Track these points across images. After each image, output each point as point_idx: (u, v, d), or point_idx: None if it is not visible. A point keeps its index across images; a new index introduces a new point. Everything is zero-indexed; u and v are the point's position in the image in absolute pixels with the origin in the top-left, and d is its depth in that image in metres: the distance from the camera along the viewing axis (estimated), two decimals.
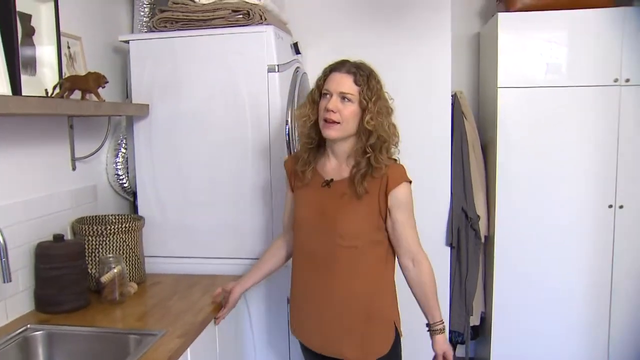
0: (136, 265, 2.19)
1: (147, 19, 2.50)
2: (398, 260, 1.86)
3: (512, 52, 2.90)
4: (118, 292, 2.01)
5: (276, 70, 2.27)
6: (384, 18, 2.84)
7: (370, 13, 2.86)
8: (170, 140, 2.38)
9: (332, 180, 1.82)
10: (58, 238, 1.96)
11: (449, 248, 2.98)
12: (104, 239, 2.09)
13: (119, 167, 2.46)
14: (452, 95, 2.93)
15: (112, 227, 2.11)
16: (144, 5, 2.52)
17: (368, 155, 1.74)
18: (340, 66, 1.79)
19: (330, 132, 1.75)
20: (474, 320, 3.15)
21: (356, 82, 1.74)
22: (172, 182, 2.40)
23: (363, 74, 1.75)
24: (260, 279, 2.06)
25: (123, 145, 2.46)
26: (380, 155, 1.74)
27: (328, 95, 1.76)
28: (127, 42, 2.37)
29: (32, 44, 1.92)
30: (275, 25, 2.34)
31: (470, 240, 3.01)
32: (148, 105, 2.34)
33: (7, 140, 1.89)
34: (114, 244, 2.12)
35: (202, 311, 1.94)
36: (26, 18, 1.88)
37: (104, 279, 1.99)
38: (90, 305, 1.99)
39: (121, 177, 2.47)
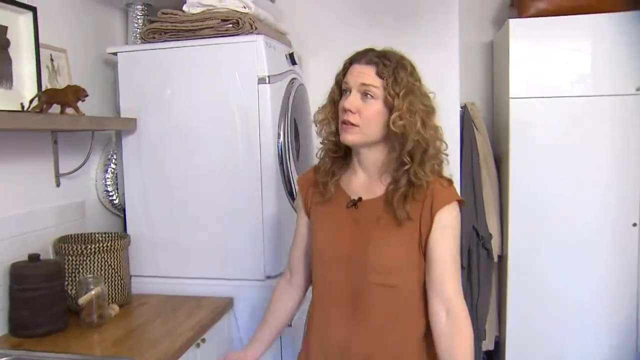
0: (119, 286, 2.10)
1: (140, 30, 2.43)
2: (428, 304, 1.47)
3: (525, 61, 2.77)
4: (97, 315, 1.92)
5: (267, 81, 2.17)
6: (389, 26, 2.72)
7: (374, 22, 2.73)
8: (159, 155, 2.29)
9: (360, 199, 1.50)
10: (33, 258, 1.88)
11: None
12: (84, 258, 2.01)
13: (108, 183, 2.38)
14: (461, 107, 2.78)
15: (93, 246, 2.02)
16: (138, 17, 2.45)
17: (406, 167, 1.41)
18: (360, 56, 1.46)
19: (347, 137, 1.45)
20: (487, 345, 2.99)
21: (379, 74, 1.41)
22: (161, 198, 2.31)
23: (388, 64, 1.41)
24: (272, 340, 1.75)
25: (113, 160, 2.38)
26: (420, 169, 1.41)
27: (347, 92, 1.47)
28: (115, 54, 2.30)
29: (8, 57, 1.86)
30: (267, 34, 2.24)
31: (482, 260, 2.86)
32: (135, 119, 2.26)
33: None
34: (95, 264, 2.03)
35: (182, 336, 1.83)
36: (2, 30, 1.82)
37: (82, 300, 1.90)
38: (68, 328, 1.90)
39: (111, 194, 2.39)
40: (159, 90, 2.25)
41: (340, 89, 1.52)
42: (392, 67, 1.41)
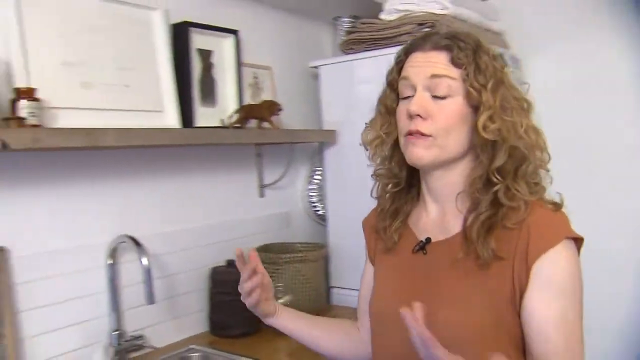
0: (312, 296, 2.12)
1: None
2: None
3: None
4: None
5: None
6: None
7: (604, 17, 2.32)
8: (360, 167, 2.26)
9: (428, 240, 1.12)
10: (230, 263, 2.01)
11: None
12: (278, 267, 2.08)
13: (312, 194, 2.44)
14: None
15: (287, 255, 2.08)
16: (345, 29, 2.48)
17: (496, 188, 1.02)
18: (422, 41, 1.09)
19: (417, 153, 1.05)
20: None
21: (455, 61, 1.03)
22: (362, 210, 2.27)
23: (465, 46, 1.04)
24: (305, 329, 1.35)
25: (317, 172, 2.44)
26: (517, 185, 1.02)
27: (408, 95, 1.07)
28: (317, 67, 2.35)
29: (212, 78, 2.02)
30: None
31: None
32: (334, 131, 2.27)
33: (196, 168, 2.02)
34: (288, 273, 2.09)
35: None
36: (206, 54, 2.00)
37: None
38: (259, 332, 1.98)
39: (315, 204, 2.45)
40: (359, 101, 2.23)
41: (395, 92, 1.13)
42: (471, 49, 1.04)
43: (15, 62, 1.49)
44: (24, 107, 1.43)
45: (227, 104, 2.06)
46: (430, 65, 1.05)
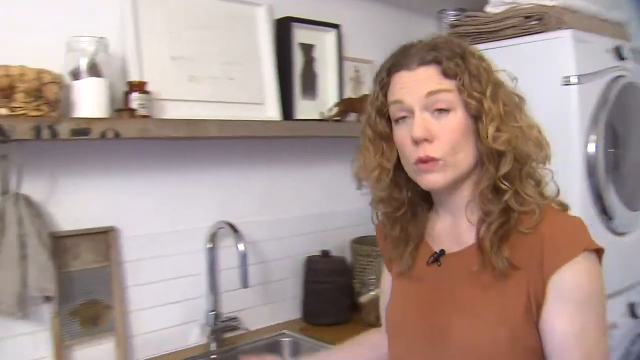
0: None
1: None
2: None
3: None
4: (374, 315, 1.99)
5: (574, 81, 1.89)
6: None
7: None
8: None
9: (442, 252, 1.07)
10: (325, 253, 2.06)
11: None
12: (371, 259, 2.10)
13: None
14: None
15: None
16: (449, 23, 2.43)
17: (506, 196, 0.96)
18: (406, 58, 1.00)
19: (431, 178, 0.99)
20: None
21: (446, 73, 0.96)
22: None
23: (452, 54, 0.97)
24: None
25: None
26: (525, 188, 0.97)
27: (403, 116, 1.00)
28: None
29: (313, 72, 2.07)
30: (581, 28, 1.95)
31: None
32: None
33: (295, 159, 2.09)
34: (380, 266, 2.10)
35: None
36: (308, 48, 2.04)
37: (362, 299, 2.00)
38: (350, 322, 2.02)
39: None
40: None
41: (385, 117, 1.05)
42: (459, 56, 0.97)
43: (130, 57, 1.61)
44: (135, 99, 1.56)
45: (327, 97, 2.10)
46: (423, 83, 0.98)
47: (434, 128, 0.97)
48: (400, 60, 1.01)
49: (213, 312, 1.79)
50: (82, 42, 1.47)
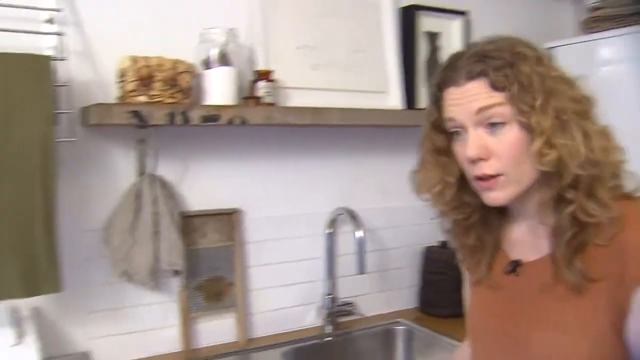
0: None
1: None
2: None
3: None
4: None
5: None
6: None
7: None
8: None
9: (519, 262, 1.02)
10: (443, 244, 2.03)
11: None
12: None
13: None
14: None
15: None
16: (588, 7, 2.27)
17: (571, 208, 0.89)
18: (453, 73, 0.95)
19: (492, 196, 0.94)
20: None
21: (495, 85, 0.90)
22: None
23: (501, 64, 0.90)
24: None
25: None
26: (589, 202, 0.89)
27: (458, 131, 0.96)
28: (554, 48, 2.20)
29: (438, 60, 2.03)
30: None
31: None
32: None
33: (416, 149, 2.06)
34: None
35: None
36: (433, 37, 2.01)
37: None
38: None
39: None
40: (595, 84, 2.03)
41: (442, 131, 1.00)
42: (508, 64, 0.90)
43: (258, 47, 1.68)
44: (261, 88, 1.62)
45: None
46: (473, 99, 0.92)
47: (491, 144, 0.92)
48: (449, 75, 0.96)
49: (330, 296, 1.84)
50: (214, 33, 1.55)
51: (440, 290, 2.00)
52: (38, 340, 1.26)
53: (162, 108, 1.42)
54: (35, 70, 1.24)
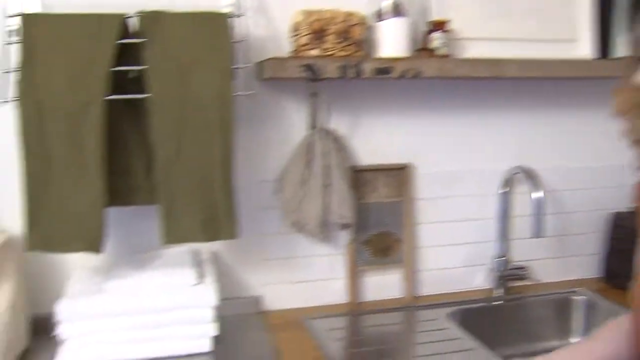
0: None
1: None
2: None
3: None
4: None
5: None
6: None
7: None
8: None
9: None
10: (632, 210, 1.83)
11: None
12: None
13: None
14: None
15: None
16: None
17: None
18: None
19: None
20: None
21: None
22: None
23: None
24: None
25: None
26: None
27: None
28: None
29: None
30: None
31: None
32: None
33: (606, 103, 1.86)
34: None
35: None
36: None
37: None
38: None
39: None
40: None
41: None
42: None
43: None
44: (436, 39, 1.55)
45: None
46: None
47: None
48: None
49: (501, 259, 1.75)
50: None
51: (628, 260, 1.81)
52: (216, 282, 1.36)
53: (335, 61, 1.42)
54: (214, 27, 1.28)
